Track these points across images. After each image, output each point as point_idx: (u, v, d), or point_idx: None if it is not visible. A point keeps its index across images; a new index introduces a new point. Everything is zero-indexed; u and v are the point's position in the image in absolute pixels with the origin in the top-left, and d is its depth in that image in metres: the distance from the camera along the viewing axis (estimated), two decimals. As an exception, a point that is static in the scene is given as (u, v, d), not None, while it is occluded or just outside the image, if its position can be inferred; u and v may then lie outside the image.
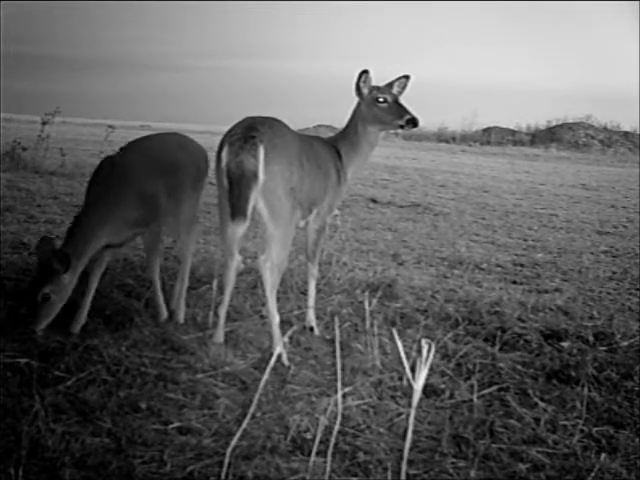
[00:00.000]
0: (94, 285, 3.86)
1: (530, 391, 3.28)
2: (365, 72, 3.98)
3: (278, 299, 3.72)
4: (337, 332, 2.43)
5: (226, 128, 3.62)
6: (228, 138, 3.47)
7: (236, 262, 3.71)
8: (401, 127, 4.01)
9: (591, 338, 4.05)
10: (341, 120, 4.54)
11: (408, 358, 3.21)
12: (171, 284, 4.58)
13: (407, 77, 4.08)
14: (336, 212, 4.80)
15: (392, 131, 4.59)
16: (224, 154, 3.43)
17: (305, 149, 3.74)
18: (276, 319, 3.56)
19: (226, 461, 2.19)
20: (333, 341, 3.75)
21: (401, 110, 3.96)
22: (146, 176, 3.84)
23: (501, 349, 3.80)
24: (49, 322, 3.57)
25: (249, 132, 3.43)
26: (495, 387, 3.30)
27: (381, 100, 3.97)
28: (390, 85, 4.05)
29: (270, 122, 3.58)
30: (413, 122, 3.96)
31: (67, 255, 3.52)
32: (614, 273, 6.13)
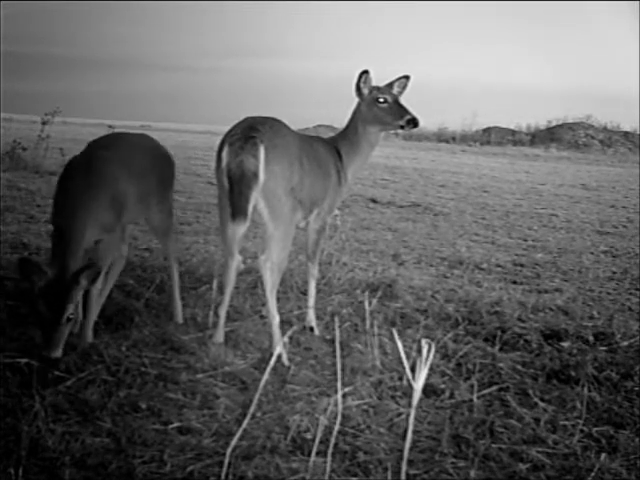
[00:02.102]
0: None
1: (530, 391, 3.28)
2: (365, 72, 3.97)
3: (278, 299, 3.72)
4: (337, 332, 2.43)
5: (226, 128, 3.62)
6: (228, 138, 3.47)
7: (236, 262, 3.71)
8: (401, 127, 4.01)
9: (591, 338, 4.05)
10: (341, 120, 4.54)
11: (408, 358, 3.21)
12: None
13: (407, 77, 4.08)
14: (336, 212, 4.80)
15: (392, 131, 4.59)
16: (224, 154, 3.43)
17: (305, 149, 3.74)
18: (276, 319, 3.56)
19: (226, 461, 2.19)
20: (333, 341, 3.75)
21: (401, 110, 3.96)
22: (120, 177, 3.62)
23: (501, 349, 3.80)
24: None
25: (249, 132, 3.43)
26: (495, 387, 3.30)
27: (381, 100, 3.97)
28: (390, 85, 4.05)
29: (270, 122, 3.58)
30: (413, 122, 3.96)
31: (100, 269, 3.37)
32: (614, 273, 6.13)
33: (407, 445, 1.95)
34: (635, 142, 27.30)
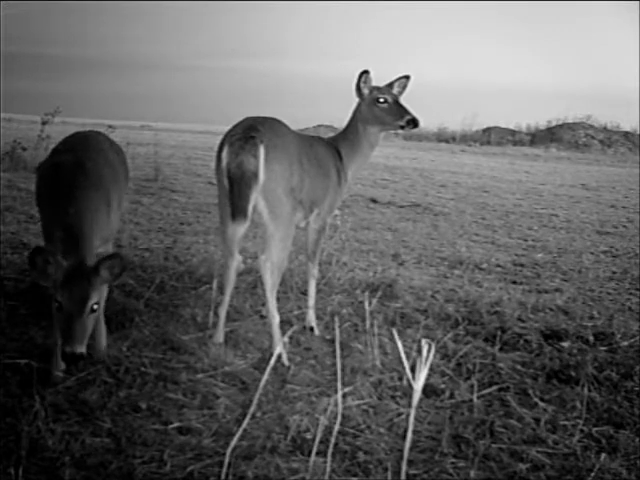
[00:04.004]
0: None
1: (530, 391, 3.28)
2: (365, 72, 3.97)
3: (278, 299, 3.72)
4: (337, 332, 2.42)
5: (226, 128, 3.62)
6: (228, 138, 3.47)
7: (236, 262, 3.71)
8: (401, 127, 4.00)
9: (591, 338, 4.05)
10: (341, 120, 4.54)
11: (408, 358, 3.21)
12: (171, 284, 4.59)
13: (407, 77, 4.08)
14: (336, 212, 4.80)
15: (392, 131, 4.59)
16: (224, 154, 3.43)
17: (305, 149, 3.74)
18: (276, 319, 3.56)
19: (226, 461, 2.19)
20: (333, 341, 3.75)
21: (401, 110, 3.96)
22: (110, 180, 3.39)
23: (501, 349, 3.79)
24: None
25: (249, 132, 3.43)
26: (495, 387, 3.30)
27: (381, 100, 3.97)
28: (390, 85, 4.04)
29: (270, 122, 3.58)
30: (414, 122, 3.95)
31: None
32: (614, 273, 6.13)
33: (407, 445, 1.95)
34: (635, 142, 27.30)
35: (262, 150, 3.38)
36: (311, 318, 4.06)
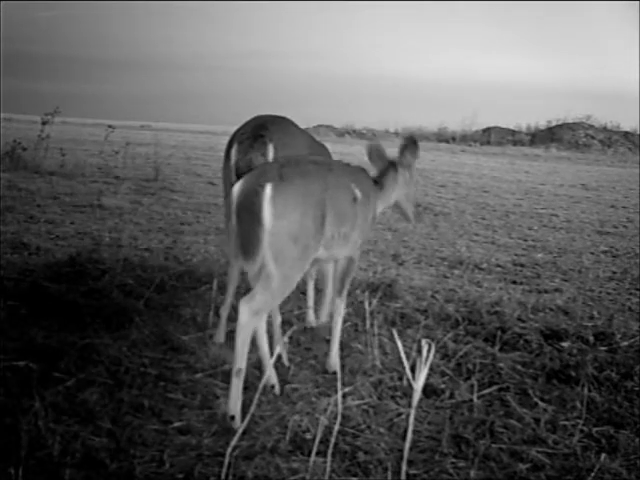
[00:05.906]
0: None
1: (530, 391, 3.28)
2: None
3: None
4: (337, 332, 2.43)
5: (226, 128, 3.63)
6: (238, 136, 3.46)
7: (240, 261, 3.70)
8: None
9: (591, 338, 4.05)
10: (340, 120, 4.51)
11: (408, 358, 3.20)
12: (171, 284, 4.59)
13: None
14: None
15: (392, 131, 4.57)
16: (233, 152, 3.43)
17: (315, 149, 3.73)
18: (278, 319, 3.56)
19: (226, 461, 2.19)
20: (333, 341, 3.74)
21: None
22: None
23: (501, 349, 3.79)
24: None
25: (258, 131, 3.43)
26: (495, 387, 3.30)
27: None
28: None
29: (280, 121, 3.58)
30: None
31: None
32: (614, 273, 6.13)
33: (407, 445, 1.95)
34: (635, 142, 27.32)
35: (271, 149, 3.38)
36: (311, 319, 4.06)
